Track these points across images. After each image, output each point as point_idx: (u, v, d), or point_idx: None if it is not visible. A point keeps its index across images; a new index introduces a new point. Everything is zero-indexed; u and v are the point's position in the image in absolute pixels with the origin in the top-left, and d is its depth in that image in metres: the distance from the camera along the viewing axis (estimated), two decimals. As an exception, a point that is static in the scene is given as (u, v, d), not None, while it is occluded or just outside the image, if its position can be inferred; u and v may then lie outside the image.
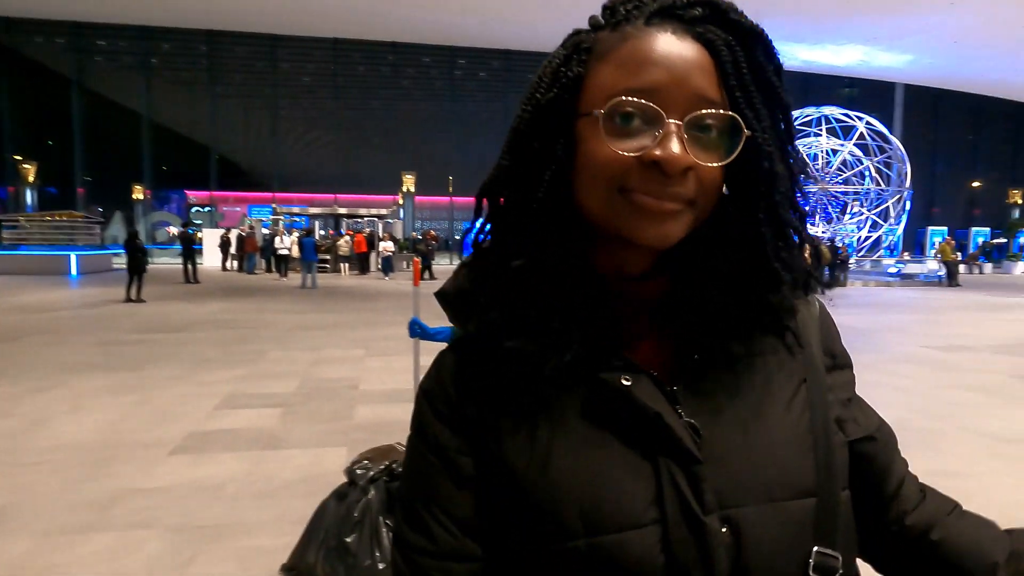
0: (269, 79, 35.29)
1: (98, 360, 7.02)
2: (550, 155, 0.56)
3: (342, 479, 1.88)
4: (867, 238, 24.58)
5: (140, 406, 5.25)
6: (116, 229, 30.59)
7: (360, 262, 22.41)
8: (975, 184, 41.13)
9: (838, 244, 20.40)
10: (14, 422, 4.79)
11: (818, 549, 0.55)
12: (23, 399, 5.41)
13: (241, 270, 23.01)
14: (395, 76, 36.38)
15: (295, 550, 1.79)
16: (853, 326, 9.96)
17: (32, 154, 30.18)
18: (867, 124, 23.91)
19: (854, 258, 23.78)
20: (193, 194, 36.48)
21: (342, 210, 28.08)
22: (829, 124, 24.23)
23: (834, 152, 23.82)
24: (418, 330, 3.03)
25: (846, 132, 24.18)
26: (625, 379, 0.56)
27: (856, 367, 0.69)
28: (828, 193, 23.39)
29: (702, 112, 0.52)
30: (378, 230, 25.04)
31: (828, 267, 17.21)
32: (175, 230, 28.25)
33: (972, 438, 4.67)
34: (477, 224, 0.64)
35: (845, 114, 24.23)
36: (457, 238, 35.46)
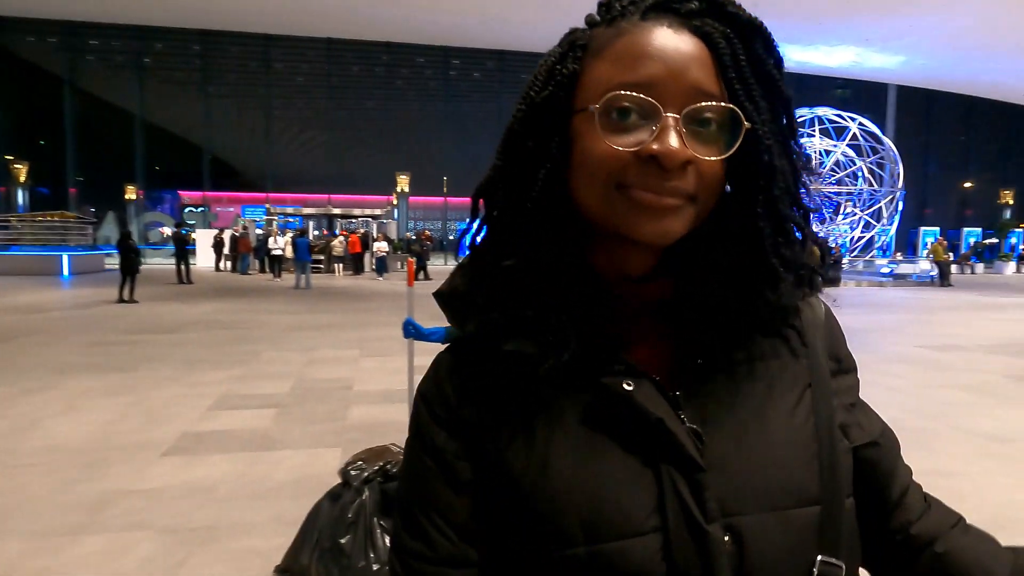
0: (263, 79, 35.19)
1: (91, 361, 6.99)
2: (545, 153, 0.55)
3: (336, 480, 1.86)
4: (860, 238, 24.67)
5: (133, 407, 5.23)
6: (108, 229, 30.38)
7: (354, 262, 22.38)
8: (967, 185, 41.38)
9: (831, 244, 20.45)
10: (6, 423, 4.76)
11: (822, 558, 0.54)
12: (15, 400, 5.37)
13: (235, 271, 22.93)
14: (389, 76, 36.35)
15: (288, 551, 1.78)
16: (847, 326, 9.74)
17: (24, 154, 29.96)
18: (860, 125, 23.99)
19: (847, 258, 23.90)
20: (186, 194, 36.35)
21: (336, 210, 28.04)
22: (822, 125, 24.29)
23: (827, 153, 23.90)
24: (412, 330, 3.02)
25: (839, 133, 24.25)
26: (627, 384, 0.54)
27: (851, 367, 0.68)
28: (821, 194, 23.47)
29: (700, 105, 0.51)
30: (372, 230, 24.98)
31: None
32: (168, 230, 28.07)
33: (965, 437, 4.69)
34: (474, 226, 0.63)
35: (838, 115, 24.30)
36: (452, 238, 35.47)
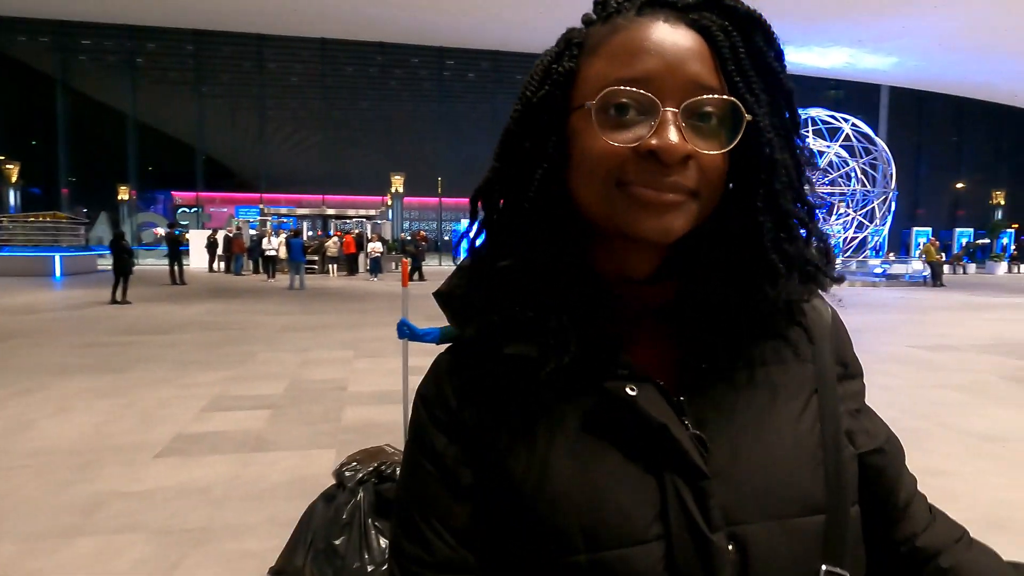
0: (256, 79, 35.03)
1: (83, 362, 6.95)
2: (542, 153, 0.55)
3: (330, 481, 1.86)
4: (853, 239, 24.78)
5: (126, 408, 5.20)
6: (101, 230, 30.29)
7: (349, 263, 22.34)
8: (959, 185, 41.58)
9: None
10: (-3, 425, 4.73)
11: (827, 568, 0.54)
12: (7, 402, 5.34)
13: (228, 271, 22.87)
14: (383, 77, 36.24)
15: (283, 553, 1.77)
16: (840, 326, 9.99)
17: (15, 154, 29.72)
18: (853, 126, 24.09)
19: (840, 259, 23.99)
20: (179, 195, 36.18)
21: (330, 211, 27.95)
22: (815, 126, 24.38)
23: (820, 153, 23.98)
24: (407, 331, 3.01)
25: (832, 134, 24.33)
26: (630, 388, 0.53)
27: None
28: (814, 194, 23.52)
29: (699, 98, 0.50)
30: (367, 231, 24.94)
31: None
32: (161, 231, 27.95)
33: (957, 437, 4.71)
34: (472, 228, 0.62)
35: (831, 116, 24.39)
36: (447, 239, 35.44)
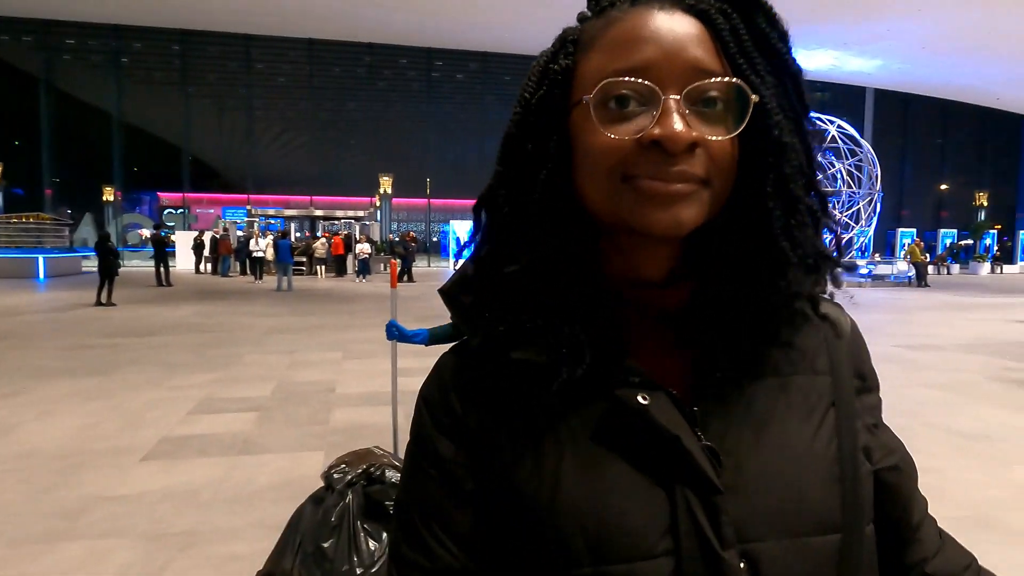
0: (243, 79, 34.80)
1: (67, 365, 6.87)
2: (545, 154, 0.53)
3: (319, 483, 1.86)
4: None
5: (111, 411, 5.15)
6: (85, 231, 29.94)
7: (337, 264, 22.25)
8: (943, 187, 42.05)
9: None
10: (-21, 429, 4.67)
11: None
12: (-11, 406, 5.27)
13: (215, 273, 22.71)
14: (372, 77, 36.11)
15: (271, 556, 1.76)
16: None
17: (-2, 155, 29.45)
18: (838, 128, 24.32)
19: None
20: (165, 196, 35.84)
21: (318, 212, 27.87)
22: (802, 128, 24.64)
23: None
24: (396, 332, 3.01)
25: (818, 136, 24.60)
26: (642, 397, 0.51)
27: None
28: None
29: (702, 83, 0.48)
30: (355, 232, 24.86)
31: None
32: (147, 232, 27.66)
33: (941, 435, 4.77)
34: (477, 235, 0.60)
35: (817, 118, 24.40)
36: (435, 240, 35.37)
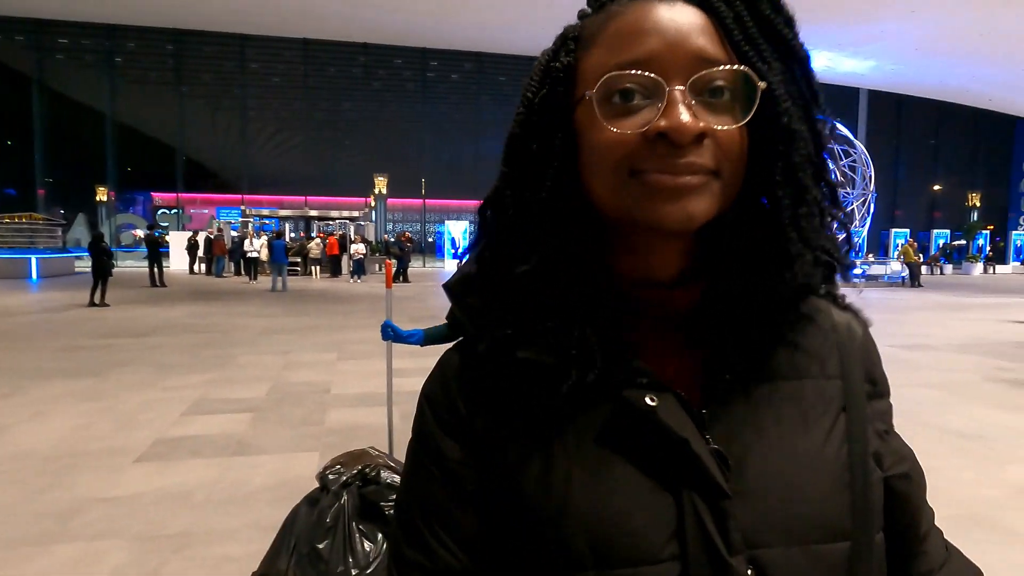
0: (238, 79, 34.75)
1: (60, 366, 6.84)
2: (550, 153, 0.52)
3: (314, 484, 1.85)
4: (833, 240, 25.15)
5: (104, 412, 5.12)
6: (78, 232, 29.85)
7: (332, 265, 22.21)
8: (936, 187, 42.29)
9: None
10: (-29, 431, 4.64)
11: None
12: (-19, 407, 5.24)
13: (209, 273, 22.63)
14: (367, 77, 36.10)
15: (265, 557, 1.76)
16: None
17: (-10, 155, 29.34)
18: (833, 129, 24.49)
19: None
20: (159, 196, 35.75)
21: (313, 212, 27.83)
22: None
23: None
24: (391, 333, 3.00)
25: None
26: (650, 399, 0.50)
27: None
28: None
29: (707, 72, 0.47)
30: (350, 232, 24.83)
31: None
32: (141, 233, 27.59)
33: (935, 435, 4.78)
34: (483, 238, 0.59)
35: (812, 118, 24.75)
36: (431, 240, 35.36)
